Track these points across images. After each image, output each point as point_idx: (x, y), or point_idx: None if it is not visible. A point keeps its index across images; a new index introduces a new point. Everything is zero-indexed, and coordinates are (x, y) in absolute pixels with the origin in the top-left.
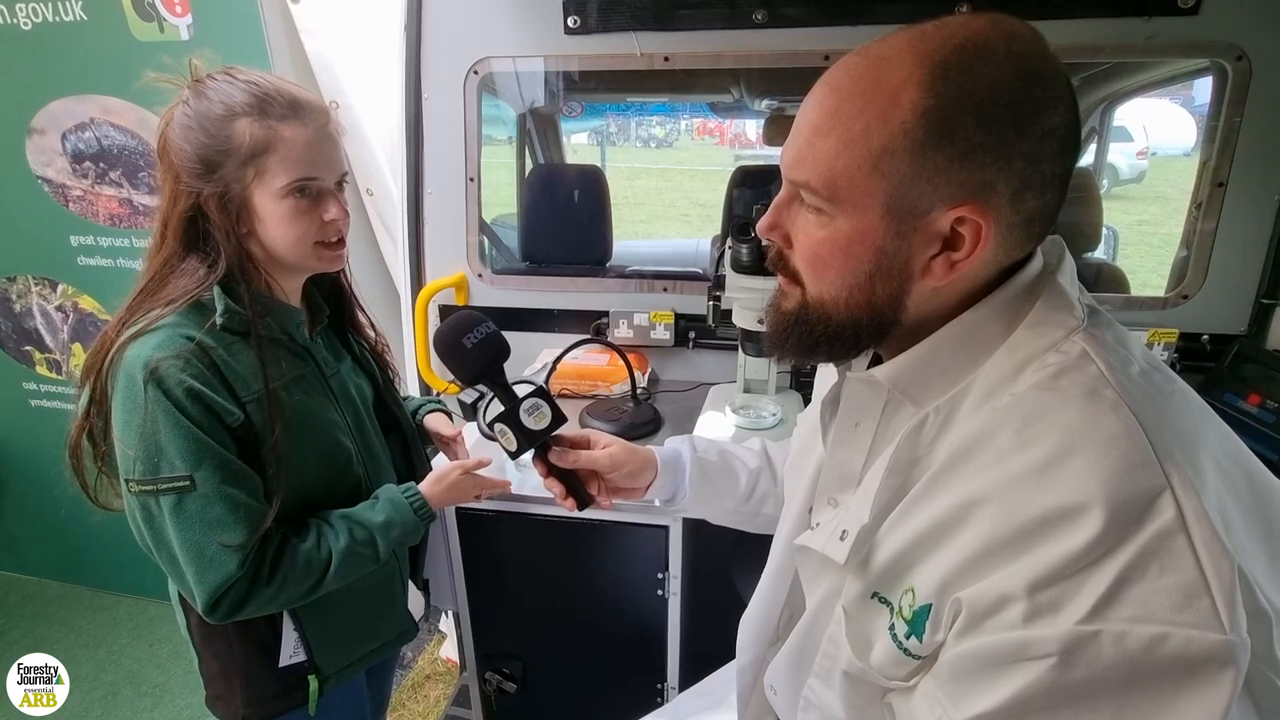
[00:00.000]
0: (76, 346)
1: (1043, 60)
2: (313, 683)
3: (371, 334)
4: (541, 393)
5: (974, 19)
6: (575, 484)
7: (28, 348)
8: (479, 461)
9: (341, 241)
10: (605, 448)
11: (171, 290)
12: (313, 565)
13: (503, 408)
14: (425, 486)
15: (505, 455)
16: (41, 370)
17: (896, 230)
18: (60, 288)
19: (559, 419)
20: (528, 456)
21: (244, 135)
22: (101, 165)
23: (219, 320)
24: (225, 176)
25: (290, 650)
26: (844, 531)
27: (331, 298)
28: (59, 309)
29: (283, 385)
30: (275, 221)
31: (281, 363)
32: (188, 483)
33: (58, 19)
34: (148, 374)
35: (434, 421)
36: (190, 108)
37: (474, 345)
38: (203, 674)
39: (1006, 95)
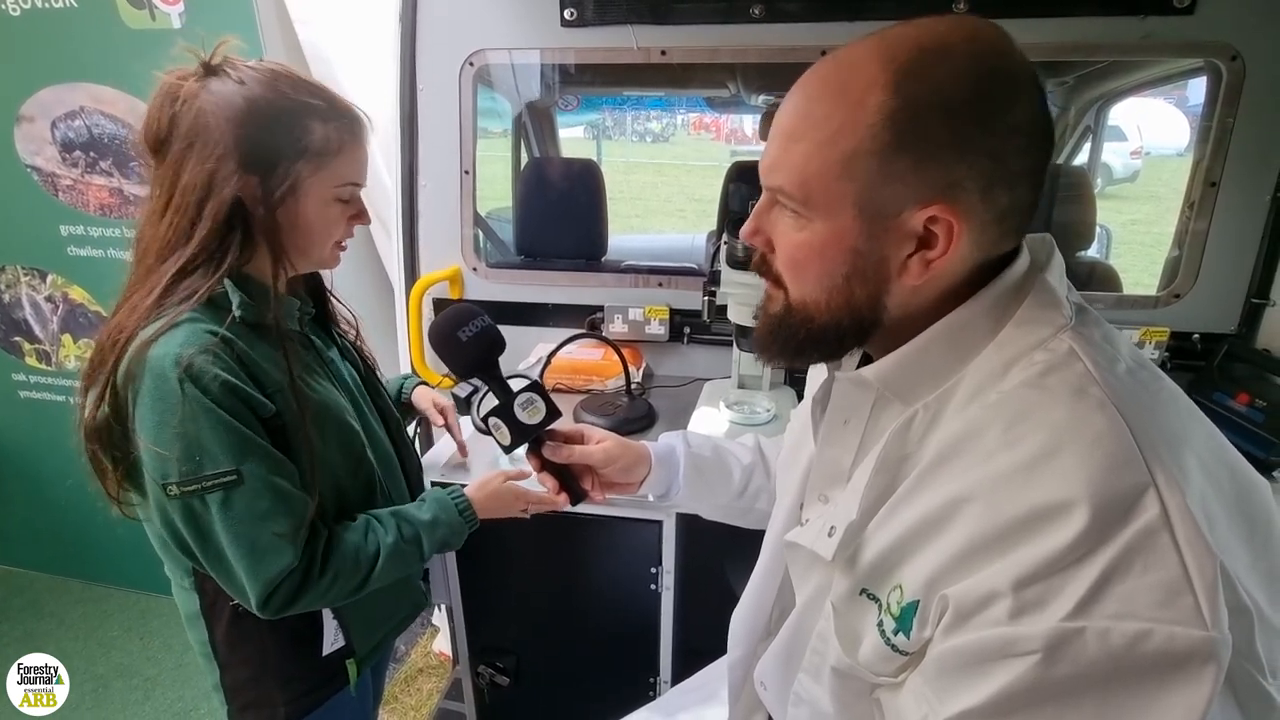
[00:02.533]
0: (66, 337)
1: (1004, 57)
2: (351, 667)
3: (351, 330)
4: (536, 387)
5: (940, 21)
6: (569, 479)
7: (17, 338)
8: (521, 473)
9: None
10: (599, 443)
11: (190, 284)
12: (361, 559)
13: (497, 402)
14: (469, 491)
15: (498, 449)
16: (31, 361)
17: (869, 231)
18: (50, 278)
19: (553, 413)
20: (521, 451)
21: (317, 135)
22: (92, 154)
23: (237, 314)
24: (287, 171)
25: (331, 638)
26: (832, 528)
27: (312, 290)
28: (48, 299)
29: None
30: (315, 220)
31: (297, 353)
32: (234, 477)
33: (47, 5)
34: (181, 371)
35: (422, 397)
36: (251, 93)
37: (469, 339)
38: (226, 687)
39: (967, 94)
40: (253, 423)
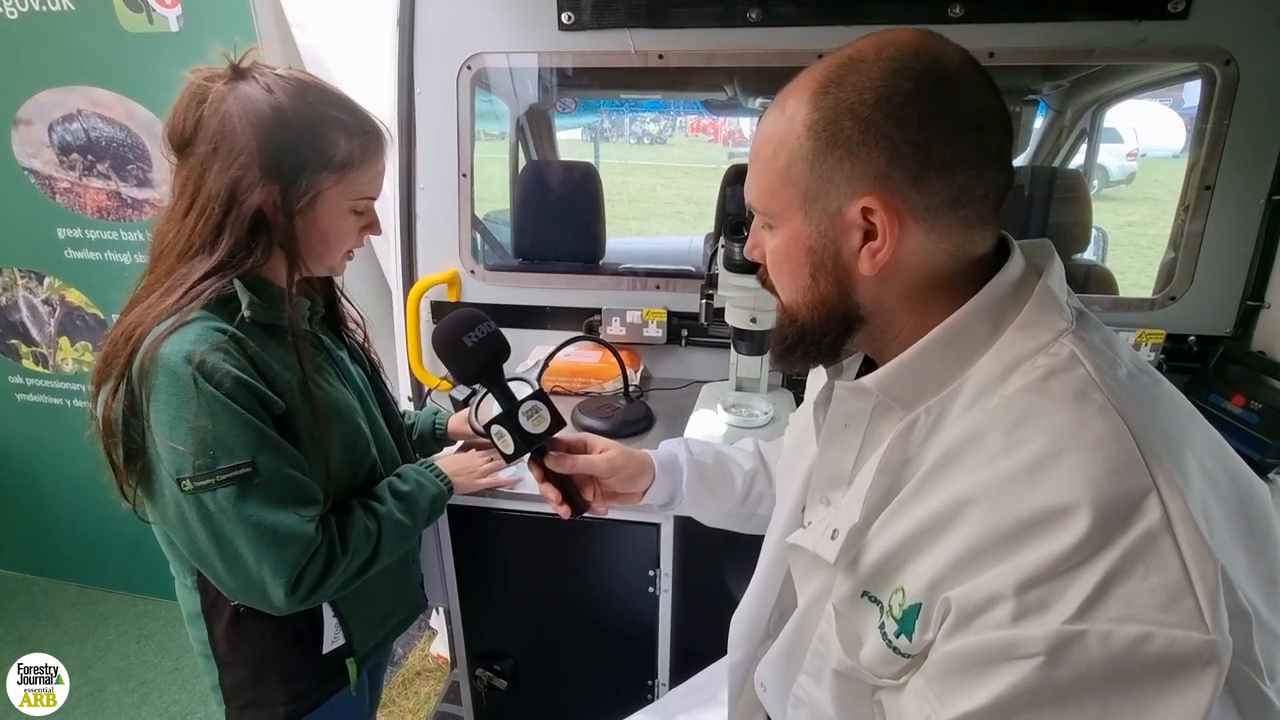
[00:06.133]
0: (63, 340)
1: (920, 58)
2: (351, 666)
3: (359, 332)
4: (541, 395)
5: (869, 38)
6: (571, 489)
7: (13, 341)
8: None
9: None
10: (602, 452)
11: (206, 285)
12: (370, 532)
13: (499, 409)
14: (436, 460)
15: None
16: (28, 364)
17: (818, 230)
18: (47, 280)
19: (558, 423)
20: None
21: (340, 148)
22: (89, 157)
23: (246, 314)
24: (309, 182)
25: (332, 636)
26: (834, 530)
27: (322, 291)
28: (46, 302)
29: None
30: (330, 230)
31: (309, 353)
32: (249, 469)
33: (45, 9)
34: (194, 368)
35: (460, 422)
36: (278, 101)
37: (474, 344)
38: (225, 687)
39: (874, 95)
40: (265, 419)
